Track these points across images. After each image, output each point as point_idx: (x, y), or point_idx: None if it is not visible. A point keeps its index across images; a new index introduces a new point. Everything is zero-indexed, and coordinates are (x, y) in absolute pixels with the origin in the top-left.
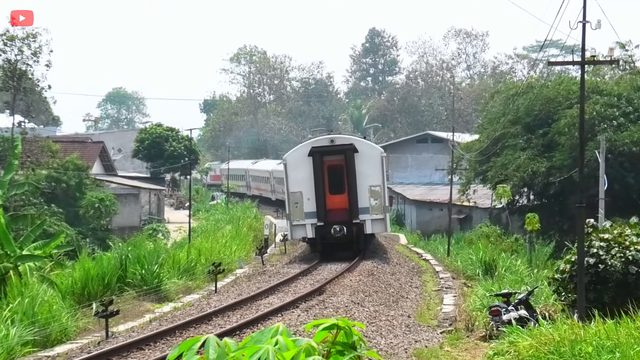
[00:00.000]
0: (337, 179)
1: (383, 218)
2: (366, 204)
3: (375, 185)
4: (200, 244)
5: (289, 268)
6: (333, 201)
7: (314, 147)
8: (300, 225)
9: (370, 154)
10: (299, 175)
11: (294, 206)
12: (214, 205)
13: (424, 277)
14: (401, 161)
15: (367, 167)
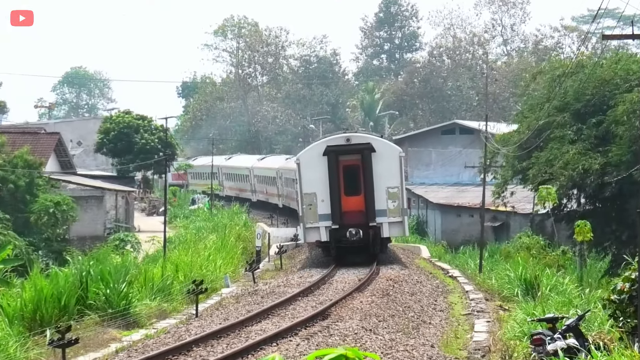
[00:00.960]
0: (353, 180)
1: (401, 221)
2: (383, 207)
3: (393, 186)
4: (178, 257)
5: (286, 286)
6: (348, 203)
7: (329, 146)
8: (313, 228)
9: (388, 153)
10: (313, 176)
11: (308, 208)
12: (194, 210)
13: (451, 298)
14: (423, 157)
15: (384, 168)
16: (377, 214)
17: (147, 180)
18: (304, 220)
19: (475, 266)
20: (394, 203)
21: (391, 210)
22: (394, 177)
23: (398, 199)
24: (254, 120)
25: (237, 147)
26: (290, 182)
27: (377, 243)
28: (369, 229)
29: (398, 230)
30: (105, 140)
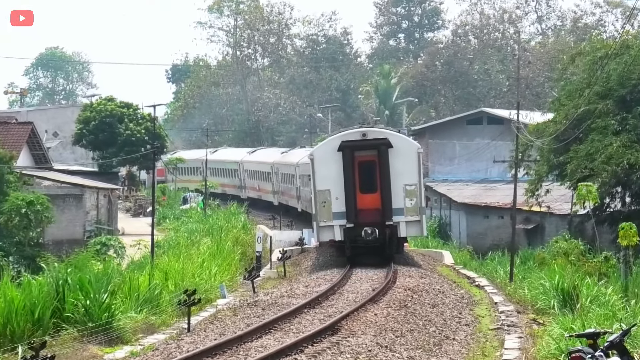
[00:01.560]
0: (368, 177)
1: (419, 220)
2: (400, 205)
3: (410, 184)
4: (168, 264)
5: (290, 297)
6: (364, 201)
7: (344, 141)
8: (327, 226)
9: (406, 149)
10: (327, 172)
11: (321, 206)
12: (186, 210)
13: (478, 310)
14: (446, 150)
15: (402, 164)
16: (394, 213)
17: (132, 176)
18: (318, 218)
19: (506, 274)
20: (412, 201)
21: (408, 209)
22: (412, 174)
23: (416, 197)
24: (253, 109)
25: (234, 138)
26: (288, 178)
27: (393, 243)
28: (385, 228)
29: (415, 229)
30: (84, 131)
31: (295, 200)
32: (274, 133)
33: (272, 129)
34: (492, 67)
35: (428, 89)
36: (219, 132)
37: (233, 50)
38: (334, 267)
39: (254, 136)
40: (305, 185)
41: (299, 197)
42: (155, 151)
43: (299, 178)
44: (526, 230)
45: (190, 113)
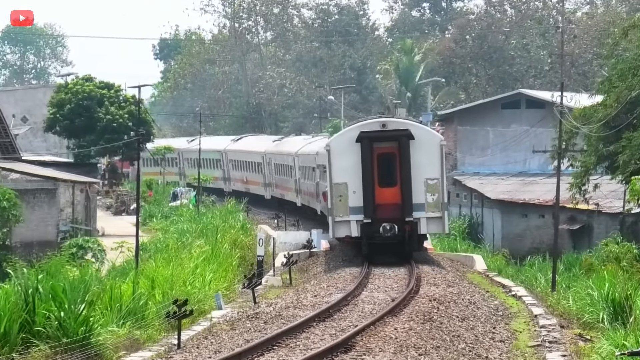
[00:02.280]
0: (388, 170)
1: (440, 216)
2: (421, 200)
3: (432, 178)
4: (155, 270)
5: (296, 308)
6: (383, 195)
7: (362, 131)
8: (343, 222)
9: (428, 141)
10: (344, 164)
11: (338, 199)
12: (176, 208)
13: (514, 324)
14: (477, 138)
15: (423, 157)
16: (414, 208)
17: (113, 168)
18: (333, 213)
19: (547, 283)
20: (433, 196)
21: (430, 205)
22: (434, 167)
23: (438, 192)
24: (254, 90)
25: (232, 125)
26: (284, 169)
27: (413, 240)
28: (404, 224)
29: (437, 226)
30: (58, 116)
31: (294, 194)
32: (278, 118)
33: (276, 113)
34: (532, 41)
35: (457, 68)
36: (214, 117)
37: (231, 23)
38: (348, 274)
39: (254, 122)
40: (306, 178)
41: (299, 191)
42: (140, 139)
43: (298, 170)
44: (571, 231)
45: (181, 95)
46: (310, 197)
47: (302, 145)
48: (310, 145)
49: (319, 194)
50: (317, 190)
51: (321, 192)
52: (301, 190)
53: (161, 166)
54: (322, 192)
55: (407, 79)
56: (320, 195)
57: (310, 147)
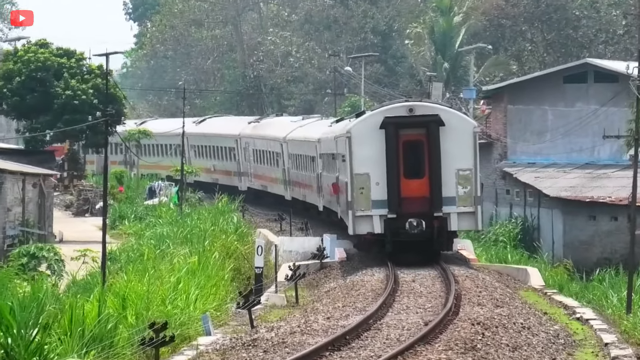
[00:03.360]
0: (415, 159)
1: (473, 212)
2: (452, 193)
3: (464, 168)
4: (127, 285)
5: (304, 334)
6: (409, 187)
7: (387, 116)
8: (365, 217)
9: (460, 127)
10: (366, 152)
11: (359, 192)
12: (153, 207)
13: (580, 355)
14: (532, 120)
15: (454, 145)
16: (444, 202)
17: (74, 157)
18: (354, 206)
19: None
20: (465, 189)
21: (461, 198)
22: (466, 157)
23: (470, 184)
24: (252, 60)
25: (225, 102)
26: (266, 157)
27: (442, 238)
28: (433, 220)
29: (469, 222)
30: (5, 91)
31: (282, 187)
32: (282, 95)
33: (279, 88)
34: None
35: (507, 32)
36: (201, 94)
37: None
38: (369, 290)
39: (252, 99)
40: (297, 168)
41: (289, 182)
42: (109, 120)
43: (288, 158)
44: None
45: (160, 66)
46: (308, 190)
47: (291, 129)
48: (304, 130)
49: (322, 186)
50: (319, 183)
51: (325, 183)
52: (290, 181)
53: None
54: (328, 183)
55: (444, 45)
56: (323, 189)
57: (304, 132)
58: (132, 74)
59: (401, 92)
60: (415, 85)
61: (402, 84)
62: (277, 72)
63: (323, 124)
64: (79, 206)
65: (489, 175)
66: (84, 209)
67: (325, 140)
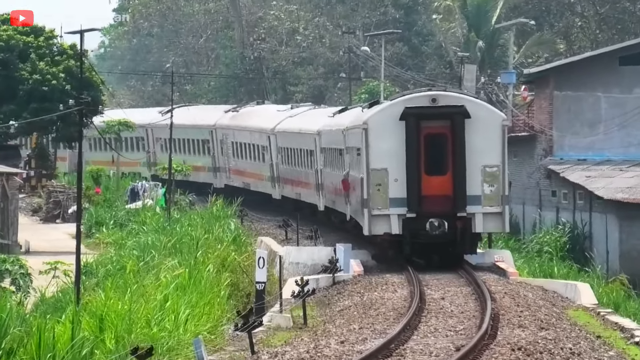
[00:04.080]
0: (438, 154)
1: (500, 212)
2: (477, 191)
3: (491, 165)
4: (105, 304)
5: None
6: (431, 184)
7: (408, 107)
8: (382, 216)
9: (487, 120)
10: (384, 146)
11: (376, 189)
12: (136, 211)
13: None
14: (583, 108)
15: (481, 139)
16: (469, 201)
17: (43, 152)
18: (370, 205)
19: None
20: (492, 187)
21: (487, 197)
22: (494, 152)
23: (498, 182)
24: (252, 38)
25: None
26: (249, 151)
27: (466, 240)
28: (456, 220)
29: (495, 223)
30: None
31: (269, 185)
32: (287, 80)
33: (284, 72)
34: None
35: (553, 4)
36: (192, 78)
37: None
38: (390, 309)
39: (252, 84)
40: (289, 163)
41: (277, 180)
42: (84, 110)
43: (276, 152)
44: None
45: (144, 45)
46: (301, 187)
47: (280, 120)
48: (296, 121)
49: (322, 184)
50: (319, 180)
51: (328, 181)
52: (279, 177)
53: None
54: (332, 180)
55: (478, 20)
56: (324, 187)
57: (297, 123)
58: (111, 55)
59: (427, 75)
60: (444, 67)
61: (428, 67)
62: (282, 53)
63: (320, 113)
64: (49, 211)
65: (531, 174)
66: (55, 214)
67: (327, 133)
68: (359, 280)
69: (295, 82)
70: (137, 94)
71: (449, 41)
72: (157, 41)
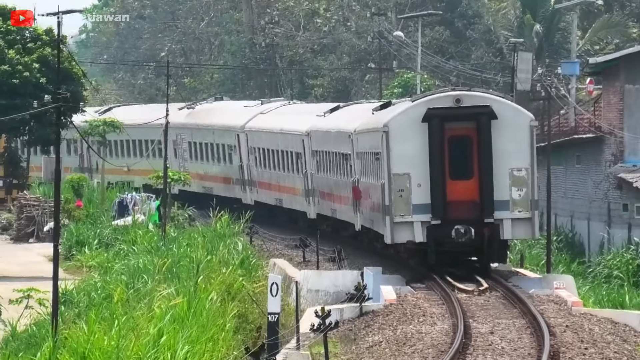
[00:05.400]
0: (462, 158)
1: (530, 217)
2: (505, 196)
3: (519, 168)
4: (88, 339)
5: None
6: (456, 190)
7: (431, 108)
8: (405, 223)
9: (515, 121)
10: (406, 150)
11: (398, 195)
12: (124, 228)
13: None
14: None
15: (508, 141)
16: (496, 207)
17: (14, 158)
18: (392, 211)
19: None
20: (520, 192)
21: (516, 202)
22: (522, 155)
23: (526, 186)
24: (263, 21)
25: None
26: (215, 151)
27: (493, 248)
28: (483, 227)
29: (525, 230)
30: None
31: (238, 188)
32: (305, 71)
33: (302, 61)
34: None
35: None
36: (192, 70)
37: None
38: (429, 345)
39: (263, 77)
40: (264, 166)
41: (246, 182)
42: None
43: (247, 154)
44: None
45: (134, 30)
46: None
47: (251, 116)
48: (271, 119)
49: (314, 190)
50: (307, 186)
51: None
52: (253, 182)
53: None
54: (320, 187)
55: (534, 0)
56: (314, 194)
57: (273, 122)
58: (94, 42)
59: (473, 65)
60: (493, 56)
61: (474, 55)
62: (299, 39)
63: (301, 111)
64: (21, 228)
65: (598, 184)
66: (28, 231)
67: (317, 134)
68: (391, 311)
69: (315, 74)
70: (126, 88)
71: (499, 24)
72: (150, 25)
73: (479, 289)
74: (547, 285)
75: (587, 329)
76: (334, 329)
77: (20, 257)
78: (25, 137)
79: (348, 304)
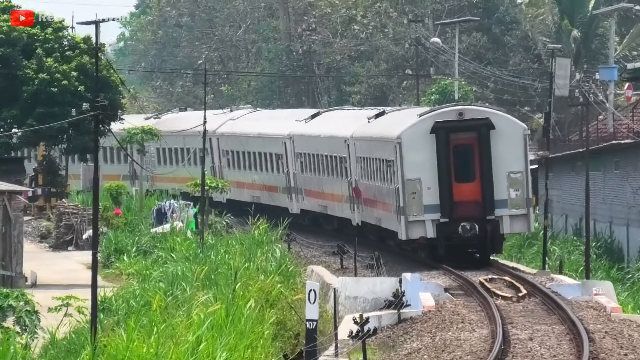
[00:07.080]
0: (466, 163)
1: (525, 214)
2: (504, 196)
3: (515, 171)
4: (127, 347)
5: None
6: (461, 191)
7: (437, 121)
8: (418, 221)
9: (510, 131)
10: (417, 158)
11: (411, 197)
12: (163, 236)
13: None
14: None
15: (505, 148)
16: (496, 205)
17: (52, 167)
18: (406, 211)
19: None
20: (517, 192)
21: (513, 201)
22: (517, 159)
23: (522, 186)
24: (301, 29)
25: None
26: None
27: (495, 241)
28: (486, 223)
29: (521, 225)
30: None
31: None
32: (342, 78)
33: (339, 69)
34: None
35: None
36: (229, 77)
37: None
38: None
39: (300, 84)
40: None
41: (292, 190)
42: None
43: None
44: None
45: (172, 38)
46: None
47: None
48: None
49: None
50: (290, 183)
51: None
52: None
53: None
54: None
55: (572, 5)
56: (299, 193)
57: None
58: (132, 50)
59: (511, 71)
60: (531, 62)
61: (512, 61)
62: (336, 46)
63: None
64: (59, 236)
65: (637, 190)
66: (66, 239)
67: (301, 138)
68: (429, 318)
69: (352, 80)
70: (164, 96)
71: (537, 30)
72: (188, 33)
73: (518, 295)
74: (586, 292)
75: (626, 335)
76: (373, 336)
77: (59, 265)
78: (64, 145)
79: (386, 310)
